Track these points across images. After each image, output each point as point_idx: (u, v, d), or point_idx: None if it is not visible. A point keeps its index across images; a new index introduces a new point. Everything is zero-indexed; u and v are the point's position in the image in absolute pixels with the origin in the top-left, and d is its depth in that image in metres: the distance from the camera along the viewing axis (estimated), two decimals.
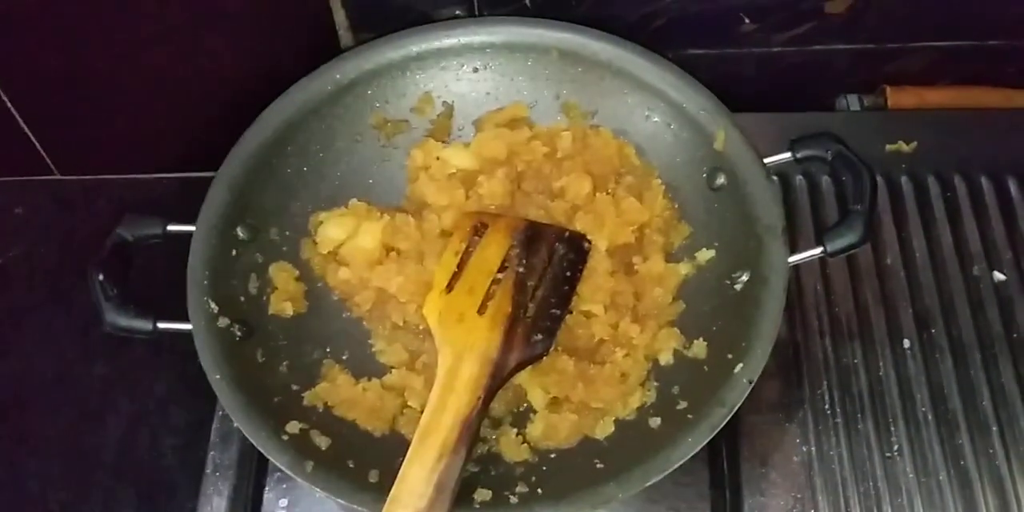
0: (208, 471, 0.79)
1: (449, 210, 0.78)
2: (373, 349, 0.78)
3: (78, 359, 0.93)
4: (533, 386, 0.75)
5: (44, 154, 0.99)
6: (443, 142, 0.83)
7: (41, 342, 0.94)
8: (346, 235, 0.78)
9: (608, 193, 0.79)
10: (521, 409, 0.76)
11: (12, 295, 0.97)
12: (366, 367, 0.77)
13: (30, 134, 0.96)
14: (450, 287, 0.74)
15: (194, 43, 0.87)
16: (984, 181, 0.88)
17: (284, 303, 0.76)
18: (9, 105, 0.92)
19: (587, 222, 0.78)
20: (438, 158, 0.81)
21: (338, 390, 0.74)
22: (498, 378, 0.69)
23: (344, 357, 0.77)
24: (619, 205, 0.78)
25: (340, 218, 0.79)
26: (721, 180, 0.76)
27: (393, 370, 0.76)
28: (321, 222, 0.79)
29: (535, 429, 0.73)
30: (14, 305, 0.96)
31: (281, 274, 0.77)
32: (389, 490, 0.64)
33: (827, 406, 0.79)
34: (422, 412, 0.68)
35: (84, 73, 0.89)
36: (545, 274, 0.75)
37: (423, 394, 0.72)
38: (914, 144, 0.89)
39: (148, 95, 0.92)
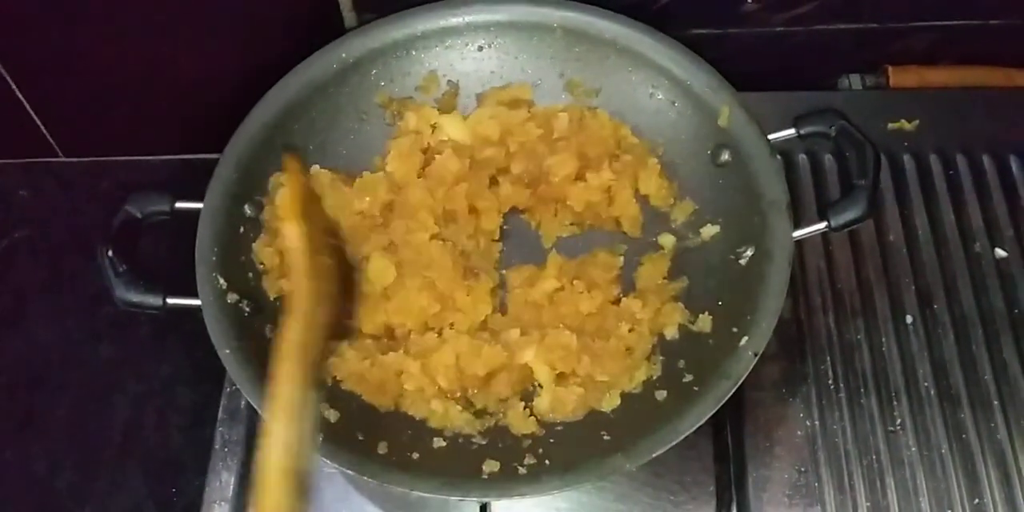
0: (216, 447, 0.80)
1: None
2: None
3: (84, 340, 0.93)
4: (539, 363, 0.75)
5: (48, 136, 0.99)
6: None
7: (47, 323, 0.94)
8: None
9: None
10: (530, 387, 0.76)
11: (17, 276, 0.97)
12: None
13: (35, 117, 0.96)
14: None
15: (198, 24, 0.87)
16: (986, 159, 0.88)
17: (280, 281, 0.76)
18: (14, 87, 0.92)
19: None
20: (434, 126, 0.81)
21: (346, 364, 0.74)
22: None
23: None
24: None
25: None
26: (725, 156, 0.77)
27: (390, 353, 0.75)
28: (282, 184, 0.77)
29: (542, 402, 0.74)
30: (19, 286, 0.96)
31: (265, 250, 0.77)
32: (398, 462, 0.65)
33: (830, 381, 0.79)
34: (420, 395, 0.70)
35: (88, 56, 0.89)
36: None
37: (420, 379, 0.73)
38: (916, 122, 0.90)
39: (152, 77, 0.92)
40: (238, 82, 0.80)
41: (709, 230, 0.78)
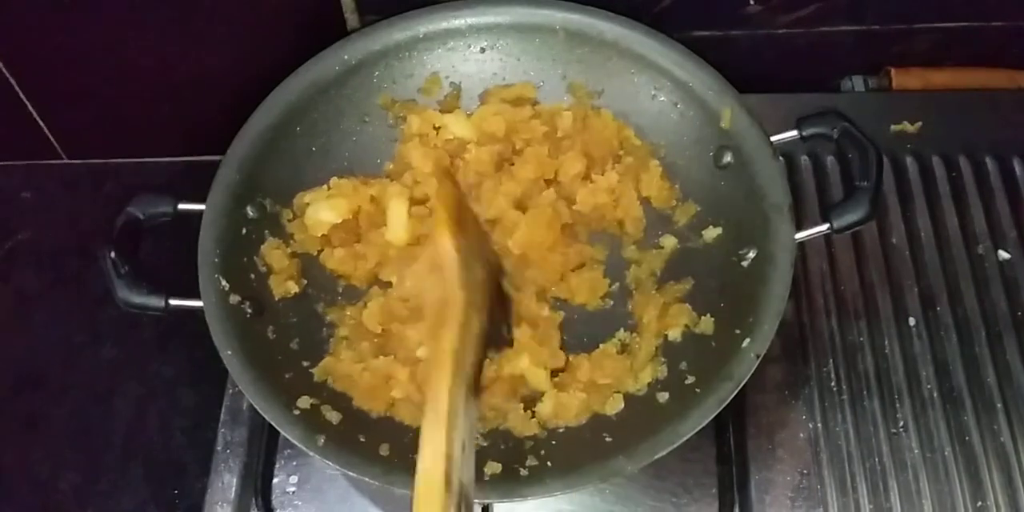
0: (219, 448, 0.80)
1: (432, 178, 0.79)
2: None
3: (86, 342, 0.93)
4: (533, 368, 0.74)
5: (52, 138, 1.00)
6: None
7: (49, 325, 0.94)
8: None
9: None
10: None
11: (21, 278, 0.97)
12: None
13: (38, 118, 0.97)
14: None
15: (201, 26, 0.87)
16: (989, 161, 0.89)
17: (287, 283, 0.76)
18: (17, 89, 0.92)
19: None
20: (437, 128, 0.81)
21: (339, 365, 0.74)
22: None
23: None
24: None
25: (328, 200, 0.78)
26: (728, 158, 0.77)
27: (381, 357, 0.75)
28: (308, 203, 0.78)
29: (545, 408, 0.73)
30: (23, 288, 0.97)
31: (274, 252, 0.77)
32: (400, 464, 0.65)
33: (833, 383, 0.79)
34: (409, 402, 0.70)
35: (92, 58, 0.90)
36: None
37: (407, 387, 0.72)
38: (919, 124, 0.90)
39: (155, 79, 0.93)
40: (240, 84, 0.80)
41: (711, 232, 0.78)
